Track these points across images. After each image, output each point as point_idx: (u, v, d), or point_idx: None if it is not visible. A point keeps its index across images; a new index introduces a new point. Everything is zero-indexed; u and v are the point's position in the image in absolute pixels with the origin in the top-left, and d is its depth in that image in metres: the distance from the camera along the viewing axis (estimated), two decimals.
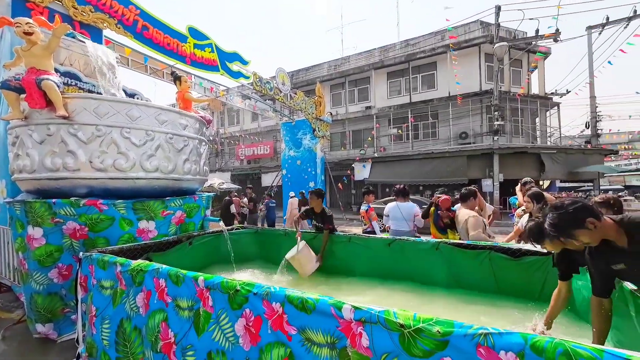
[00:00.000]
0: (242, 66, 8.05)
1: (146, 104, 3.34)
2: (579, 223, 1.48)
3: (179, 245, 3.52)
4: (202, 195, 4.05)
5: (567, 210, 1.50)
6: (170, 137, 3.42)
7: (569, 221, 1.50)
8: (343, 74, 18.59)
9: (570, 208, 1.50)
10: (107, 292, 2.44)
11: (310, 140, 11.62)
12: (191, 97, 4.17)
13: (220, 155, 23.90)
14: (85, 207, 2.92)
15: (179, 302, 1.96)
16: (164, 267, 2.10)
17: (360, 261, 3.59)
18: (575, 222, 1.49)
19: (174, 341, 1.95)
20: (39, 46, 2.82)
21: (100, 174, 3.05)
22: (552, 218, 1.55)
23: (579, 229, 1.48)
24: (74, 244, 2.99)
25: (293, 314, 1.49)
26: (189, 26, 6.49)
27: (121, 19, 5.16)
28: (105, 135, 3.03)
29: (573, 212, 1.49)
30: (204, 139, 4.07)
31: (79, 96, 3.02)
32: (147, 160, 3.25)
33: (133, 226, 3.22)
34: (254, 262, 4.28)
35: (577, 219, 1.48)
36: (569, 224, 1.50)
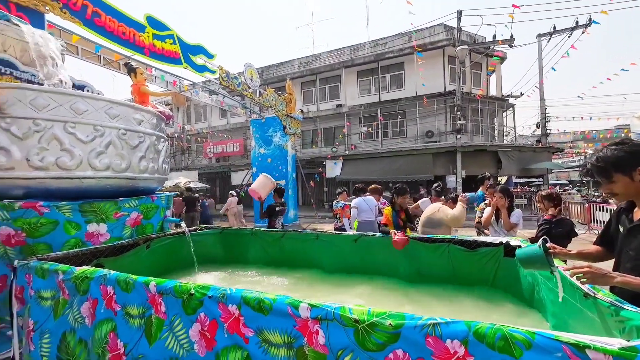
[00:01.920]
0: (208, 60, 7.72)
1: (94, 97, 3.06)
2: (629, 166, 1.33)
3: (135, 249, 3.29)
4: (162, 195, 3.82)
5: (629, 149, 1.34)
6: (123, 133, 3.17)
7: (622, 159, 1.34)
8: (314, 71, 18.58)
9: (635, 148, 1.34)
10: (47, 304, 2.21)
11: (281, 137, 11.48)
12: (148, 91, 3.91)
13: (187, 153, 22.86)
14: (21, 210, 2.61)
15: (129, 309, 1.83)
16: (113, 273, 1.94)
17: (327, 257, 3.60)
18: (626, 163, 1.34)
19: (124, 352, 1.81)
20: None
21: (39, 173, 2.75)
22: (607, 151, 1.41)
23: (623, 173, 1.36)
24: (8, 252, 2.67)
25: (250, 316, 1.44)
26: (147, 15, 6.08)
27: (67, 2, 4.70)
28: (45, 130, 2.74)
29: (633, 153, 1.33)
30: (162, 136, 3.83)
31: (11, 86, 2.69)
32: (96, 158, 2.99)
33: (80, 230, 2.95)
34: (220, 264, 4.14)
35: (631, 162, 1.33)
36: (619, 162, 1.35)
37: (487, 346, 1.00)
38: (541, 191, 4.34)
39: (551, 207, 3.37)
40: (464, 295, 2.70)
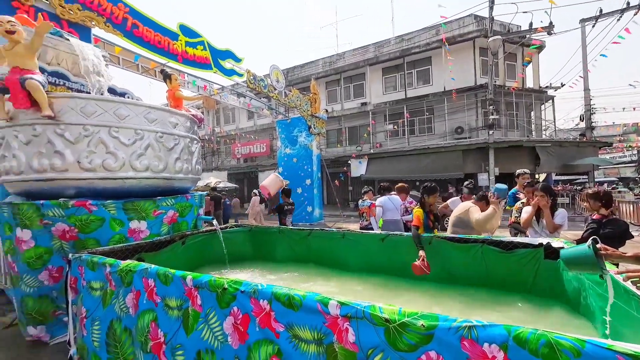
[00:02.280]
0: (235, 64, 7.98)
1: (134, 103, 3.29)
2: None
3: (171, 245, 3.49)
4: (195, 194, 4.02)
5: None
6: (160, 136, 3.38)
7: None
8: (338, 70, 18.52)
9: None
10: (96, 293, 2.41)
11: (306, 137, 11.58)
12: (182, 95, 4.13)
13: (217, 154, 23.79)
14: (74, 208, 2.88)
15: (168, 301, 1.94)
16: (153, 267, 2.08)
17: (354, 256, 3.59)
18: None
19: (164, 341, 1.93)
20: (22, 45, 2.76)
21: (88, 174, 3.01)
22: None
23: None
24: (63, 246, 2.95)
25: (280, 311, 1.47)
26: (180, 24, 6.41)
27: (110, 17, 5.09)
28: (92, 134, 2.99)
29: None
30: (195, 138, 4.03)
31: (65, 95, 2.97)
32: (137, 160, 3.21)
33: (124, 226, 3.19)
34: (249, 261, 4.27)
35: None
36: None
37: (529, 352, 0.95)
38: (587, 189, 3.99)
39: (599, 207, 3.08)
40: (499, 299, 2.56)
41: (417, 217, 3.31)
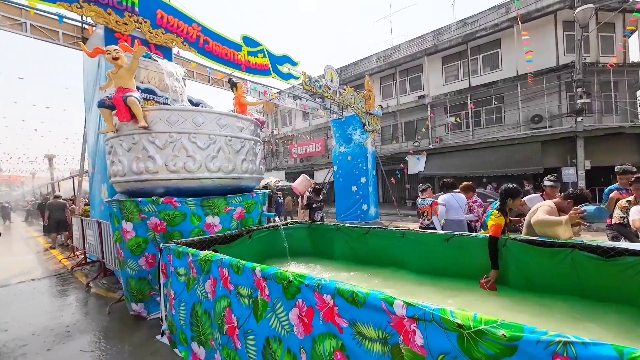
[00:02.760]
0: (292, 67, 8.30)
1: (208, 111, 3.68)
2: None
3: (240, 239, 3.81)
4: (259, 192, 4.32)
5: None
6: (229, 140, 3.72)
7: None
8: (393, 64, 17.86)
9: None
10: (182, 279, 2.78)
11: (360, 135, 11.47)
12: (246, 101, 4.47)
13: (275, 155, 25.13)
14: (163, 204, 3.36)
15: (240, 290, 2.14)
16: (227, 258, 2.31)
17: (414, 257, 3.44)
18: None
19: (237, 325, 2.13)
20: (124, 68, 3.33)
21: (173, 175, 3.48)
22: None
23: None
24: (156, 236, 3.46)
25: (344, 307, 1.50)
26: (243, 35, 6.94)
27: (186, 36, 5.77)
28: (176, 141, 3.44)
29: None
30: (258, 140, 4.32)
31: (154, 108, 3.47)
32: (211, 162, 3.59)
33: (201, 221, 3.60)
34: (308, 256, 4.42)
35: None
36: None
37: None
38: None
39: None
40: (595, 313, 2.18)
41: (497, 227, 2.65)
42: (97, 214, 5.60)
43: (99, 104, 3.36)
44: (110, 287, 4.85)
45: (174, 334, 2.85)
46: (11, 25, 5.03)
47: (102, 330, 3.38)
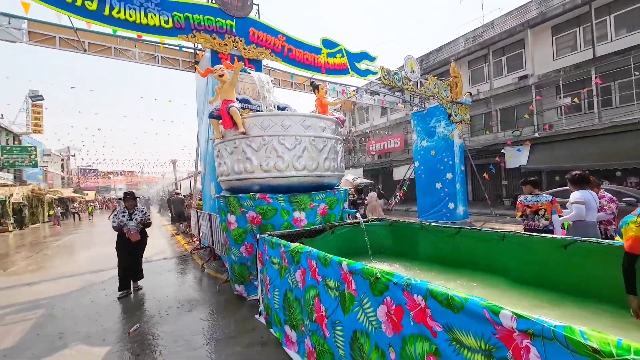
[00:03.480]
0: (370, 63, 8.21)
1: (294, 114, 3.98)
2: None
3: (323, 234, 4.01)
4: (340, 189, 4.45)
5: None
6: (313, 140, 3.94)
7: None
8: (485, 44, 15.73)
9: None
10: (275, 267, 3.10)
11: (445, 127, 10.54)
12: (327, 102, 4.64)
13: (353, 152, 25.30)
14: (258, 200, 3.80)
15: (328, 281, 2.26)
16: (315, 251, 2.47)
17: (516, 264, 2.99)
18: None
19: (325, 315, 2.26)
20: (227, 83, 3.89)
21: (266, 174, 3.89)
22: None
23: None
24: (253, 228, 3.94)
25: (437, 310, 1.43)
26: (323, 38, 7.22)
27: (273, 48, 6.35)
28: (268, 143, 3.84)
29: None
30: (339, 138, 4.44)
31: (250, 115, 3.95)
32: (297, 161, 3.88)
33: (290, 215, 3.93)
34: (389, 255, 4.33)
35: None
36: None
37: None
38: None
39: None
40: None
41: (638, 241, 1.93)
42: (207, 208, 6.70)
43: (209, 115, 4.02)
44: (219, 269, 5.75)
45: (270, 316, 3.20)
46: (148, 59, 6.43)
47: (214, 305, 4.05)
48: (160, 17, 5.16)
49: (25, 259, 8.05)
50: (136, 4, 4.95)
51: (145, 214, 4.66)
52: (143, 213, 4.63)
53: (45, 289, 5.14)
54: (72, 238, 12.26)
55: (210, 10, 5.65)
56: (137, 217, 4.55)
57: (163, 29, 5.19)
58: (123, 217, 4.48)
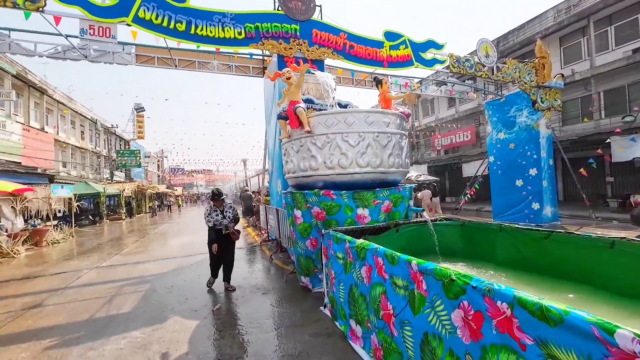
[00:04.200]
0: (437, 52, 7.68)
1: (357, 110, 3.98)
2: None
3: (388, 232, 3.92)
4: (405, 186, 4.29)
5: None
6: (376, 136, 3.89)
7: None
8: (583, 14, 13.19)
9: None
10: (340, 262, 3.16)
11: (528, 116, 9.22)
12: (391, 96, 4.52)
13: (416, 148, 24.01)
14: (323, 196, 3.92)
15: (396, 280, 2.22)
16: (381, 248, 2.44)
17: (630, 277, 2.47)
18: None
19: (393, 313, 2.23)
20: (293, 85, 4.09)
21: (330, 172, 3.98)
22: None
23: None
24: (317, 223, 4.09)
25: (527, 321, 1.28)
26: (385, 31, 7.02)
27: (335, 46, 6.43)
28: (332, 141, 3.92)
29: None
30: (404, 133, 4.28)
31: (315, 114, 4.09)
32: (361, 158, 3.87)
33: (353, 212, 3.95)
34: (460, 257, 4.01)
35: None
36: None
37: None
38: None
39: None
40: None
41: None
42: (274, 203, 7.18)
43: (278, 116, 4.30)
44: (285, 261, 6.12)
45: (335, 309, 3.29)
46: (224, 69, 7.15)
47: (282, 294, 4.33)
48: (235, 30, 5.69)
49: (134, 242, 9.82)
50: (215, 21, 5.56)
51: (234, 210, 4.60)
52: (232, 209, 4.58)
53: (149, 267, 6.19)
54: (165, 227, 14.46)
55: (276, 17, 6.00)
56: (229, 213, 4.49)
57: (237, 40, 5.71)
58: (217, 216, 4.42)
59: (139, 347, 2.97)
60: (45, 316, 3.86)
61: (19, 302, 4.40)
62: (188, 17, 5.41)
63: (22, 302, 4.41)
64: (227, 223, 4.44)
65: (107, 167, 23.18)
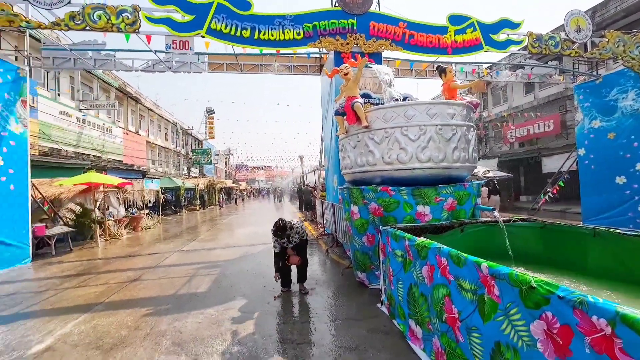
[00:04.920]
0: (512, 31, 6.82)
1: (418, 102, 3.79)
2: None
3: (451, 231, 3.67)
4: (472, 183, 3.95)
5: None
6: (439, 128, 3.65)
7: None
8: None
9: None
10: (399, 260, 3.08)
11: (635, 99, 7.58)
12: (456, 85, 4.19)
13: (484, 141, 21.75)
14: (380, 192, 3.85)
15: (462, 282, 2.07)
16: (445, 247, 2.31)
17: None
18: None
19: (458, 317, 2.09)
20: (351, 80, 4.09)
21: (388, 167, 3.89)
22: None
23: None
24: (375, 219, 4.04)
25: (635, 343, 1.09)
26: (450, 15, 6.50)
27: (394, 37, 6.20)
28: (390, 135, 3.82)
29: None
30: (472, 125, 3.94)
31: (373, 109, 4.02)
32: (422, 152, 3.69)
33: (412, 209, 3.80)
34: (539, 265, 3.53)
35: None
36: None
37: None
38: None
39: None
40: None
41: None
42: (330, 198, 7.31)
43: (335, 112, 4.35)
44: (341, 256, 6.19)
45: (393, 307, 3.22)
46: (284, 70, 7.49)
47: (338, 287, 4.40)
48: (294, 31, 5.91)
49: (206, 231, 11.02)
50: (276, 24, 5.86)
51: (302, 233, 4.18)
52: (300, 234, 4.13)
53: (220, 253, 6.90)
54: (232, 218, 15.88)
55: (333, 14, 6.04)
56: (295, 239, 4.09)
57: (296, 41, 5.93)
58: (283, 244, 4.09)
59: (214, 322, 3.35)
60: (142, 288, 4.61)
61: (124, 275, 5.34)
62: (252, 24, 5.80)
63: (126, 275, 5.35)
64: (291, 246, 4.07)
65: (184, 164, 26.43)
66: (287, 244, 4.06)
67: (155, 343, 2.94)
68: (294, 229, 4.07)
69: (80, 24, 5.17)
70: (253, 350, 2.77)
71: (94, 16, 5.19)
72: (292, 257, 4.08)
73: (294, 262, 4.11)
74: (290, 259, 4.09)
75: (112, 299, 4.21)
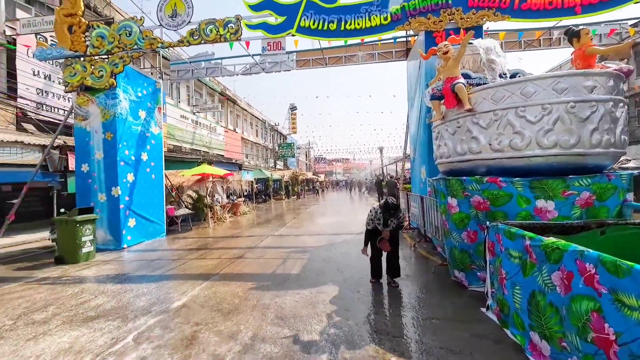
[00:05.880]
0: None
1: (542, 76, 3.15)
2: None
3: (585, 232, 2.97)
4: (621, 173, 3.10)
5: None
6: (572, 106, 2.97)
7: None
8: None
9: None
10: (515, 261, 2.65)
11: None
12: (595, 50, 3.32)
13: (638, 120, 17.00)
14: (487, 183, 3.38)
15: (623, 297, 1.63)
16: (592, 252, 1.85)
17: None
18: None
19: (615, 340, 1.66)
20: (451, 60, 3.67)
21: (497, 155, 3.38)
22: None
23: None
24: (478, 214, 3.59)
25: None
26: None
27: (499, 4, 5.32)
28: (501, 118, 3.30)
29: None
30: (620, 99, 3.07)
31: (479, 89, 3.53)
32: (544, 137, 3.07)
33: (530, 204, 3.22)
34: None
35: None
36: None
37: None
38: None
39: None
40: None
41: None
42: (416, 190, 6.88)
43: (431, 97, 4.00)
44: (430, 252, 5.78)
45: (506, 314, 2.82)
46: (368, 59, 7.31)
47: (428, 285, 4.11)
48: (381, 16, 5.68)
49: (293, 219, 11.85)
50: (362, 12, 5.73)
51: (402, 219, 3.99)
52: (399, 220, 3.92)
53: (306, 240, 7.32)
54: (313, 208, 16.66)
55: None
56: (393, 224, 3.88)
57: (383, 26, 5.69)
58: (378, 224, 3.92)
59: (309, 303, 3.56)
60: (246, 265, 5.26)
61: (231, 253, 6.19)
62: (338, 15, 5.82)
63: (233, 252, 6.19)
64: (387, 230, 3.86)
65: (272, 158, 29.01)
66: (382, 227, 3.87)
67: (262, 314, 3.30)
68: (397, 212, 3.86)
69: (197, 38, 6.10)
70: (349, 336, 2.82)
71: (207, 30, 6.05)
72: (385, 242, 3.86)
73: (384, 248, 3.91)
74: (382, 243, 3.88)
75: (225, 271, 4.93)
